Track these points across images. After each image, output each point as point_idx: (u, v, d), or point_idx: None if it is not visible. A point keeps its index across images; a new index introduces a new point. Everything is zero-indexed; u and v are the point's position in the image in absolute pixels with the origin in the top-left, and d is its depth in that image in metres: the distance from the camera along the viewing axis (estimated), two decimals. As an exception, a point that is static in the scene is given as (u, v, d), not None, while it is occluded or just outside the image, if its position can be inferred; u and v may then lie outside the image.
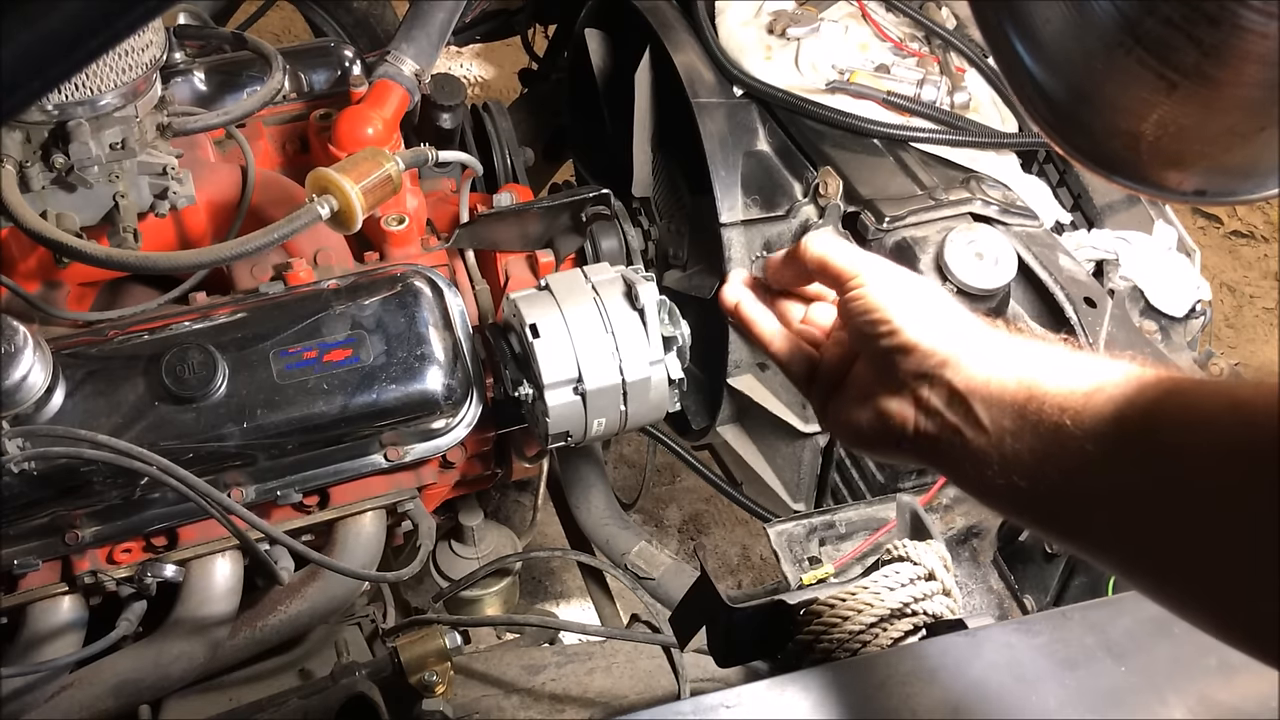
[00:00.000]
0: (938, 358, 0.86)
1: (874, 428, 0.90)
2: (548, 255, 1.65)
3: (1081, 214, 1.84)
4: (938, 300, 0.91)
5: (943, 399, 0.85)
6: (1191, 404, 0.75)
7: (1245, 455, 0.69)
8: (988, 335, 0.87)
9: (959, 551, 1.49)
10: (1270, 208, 3.55)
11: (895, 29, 1.86)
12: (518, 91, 2.57)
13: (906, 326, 0.88)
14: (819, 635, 1.14)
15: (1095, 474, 0.77)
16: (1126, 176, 0.89)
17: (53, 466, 1.29)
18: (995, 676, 0.96)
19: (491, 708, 1.43)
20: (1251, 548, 0.68)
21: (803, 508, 1.83)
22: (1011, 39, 0.86)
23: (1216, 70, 0.76)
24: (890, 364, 0.88)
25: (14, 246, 1.44)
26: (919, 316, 0.88)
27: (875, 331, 0.89)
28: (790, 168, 1.75)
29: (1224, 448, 0.71)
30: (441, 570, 1.86)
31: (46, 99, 1.30)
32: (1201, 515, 0.72)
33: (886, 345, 0.88)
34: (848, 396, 0.94)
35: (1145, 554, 0.76)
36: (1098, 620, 1.02)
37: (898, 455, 0.90)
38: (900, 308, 0.89)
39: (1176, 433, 0.74)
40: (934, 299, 0.91)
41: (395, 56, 1.65)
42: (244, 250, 1.32)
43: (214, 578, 1.43)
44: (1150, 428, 0.75)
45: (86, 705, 1.40)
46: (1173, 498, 0.73)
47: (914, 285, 0.92)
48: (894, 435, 0.89)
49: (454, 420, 1.49)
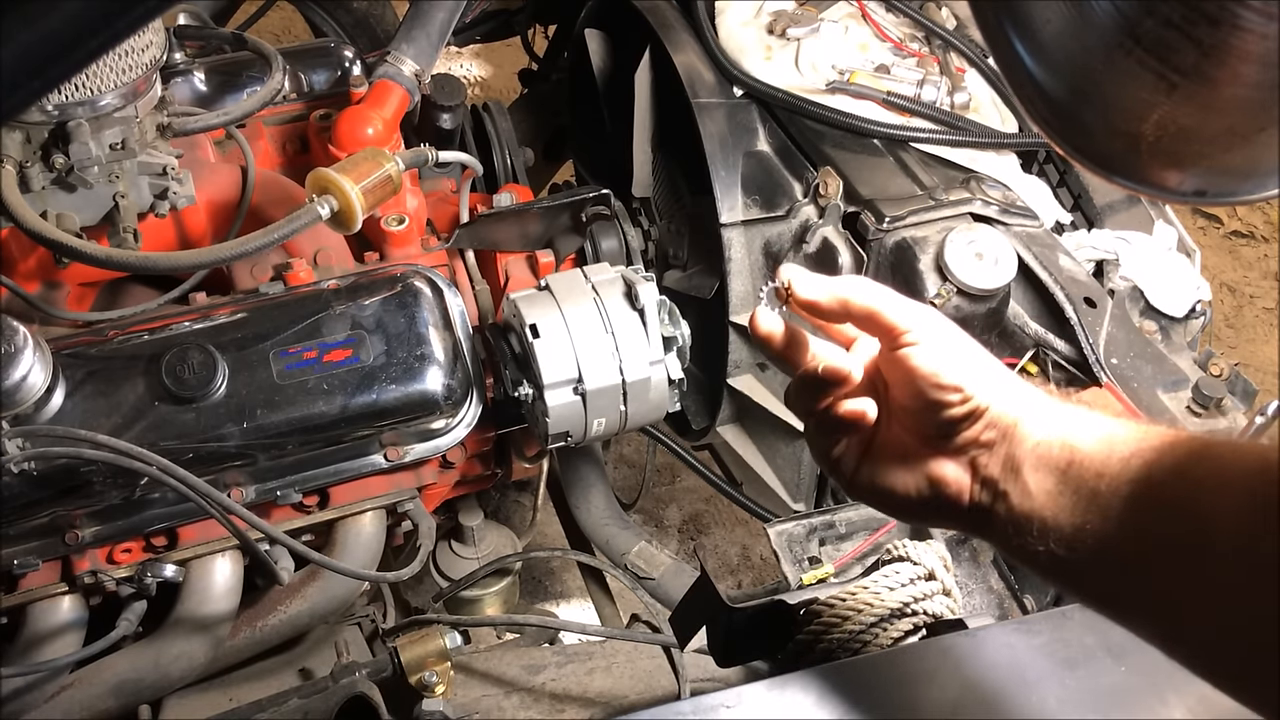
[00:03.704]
0: (1003, 426, 0.82)
1: (923, 496, 0.85)
2: (548, 255, 1.65)
3: (1081, 214, 1.84)
4: (993, 363, 0.86)
5: (999, 467, 0.82)
6: (1225, 465, 0.74)
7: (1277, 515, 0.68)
8: (1040, 400, 0.84)
9: (959, 551, 1.49)
10: (1270, 208, 3.55)
11: (895, 29, 1.86)
12: (518, 91, 2.57)
13: (977, 394, 0.82)
14: (819, 635, 1.14)
15: (1126, 537, 0.76)
16: (1126, 177, 0.89)
17: (53, 466, 1.29)
18: (995, 676, 0.96)
19: (491, 708, 1.43)
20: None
21: (803, 508, 1.83)
22: (1011, 39, 0.86)
23: (1216, 70, 0.76)
24: (950, 430, 0.84)
25: (14, 246, 1.44)
26: (986, 382, 0.83)
27: (941, 396, 0.83)
28: (790, 168, 1.75)
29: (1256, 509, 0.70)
30: (441, 570, 1.86)
31: (46, 99, 1.30)
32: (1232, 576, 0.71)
33: (954, 412, 0.83)
34: (885, 459, 0.88)
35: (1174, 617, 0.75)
36: (1098, 620, 1.02)
37: (941, 522, 0.88)
38: (967, 371, 0.83)
39: (1208, 494, 0.73)
40: (991, 362, 0.87)
41: (395, 57, 1.65)
42: (244, 250, 1.32)
43: (214, 578, 1.43)
44: (1181, 489, 0.74)
45: (86, 705, 1.40)
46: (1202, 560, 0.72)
47: (972, 347, 0.87)
48: (946, 504, 0.85)
49: (454, 420, 1.48)
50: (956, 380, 0.83)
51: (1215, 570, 0.71)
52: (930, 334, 0.84)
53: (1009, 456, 0.82)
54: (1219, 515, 0.72)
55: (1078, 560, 0.78)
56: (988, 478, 0.83)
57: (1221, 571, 0.71)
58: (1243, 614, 0.70)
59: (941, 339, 0.84)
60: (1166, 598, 0.75)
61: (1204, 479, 0.74)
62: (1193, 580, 0.73)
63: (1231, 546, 0.71)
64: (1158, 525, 0.75)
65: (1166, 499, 0.75)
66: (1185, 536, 0.73)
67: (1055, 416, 0.82)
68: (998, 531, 0.82)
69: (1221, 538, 0.71)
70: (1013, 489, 0.81)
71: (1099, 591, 0.81)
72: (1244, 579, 0.69)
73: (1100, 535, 0.77)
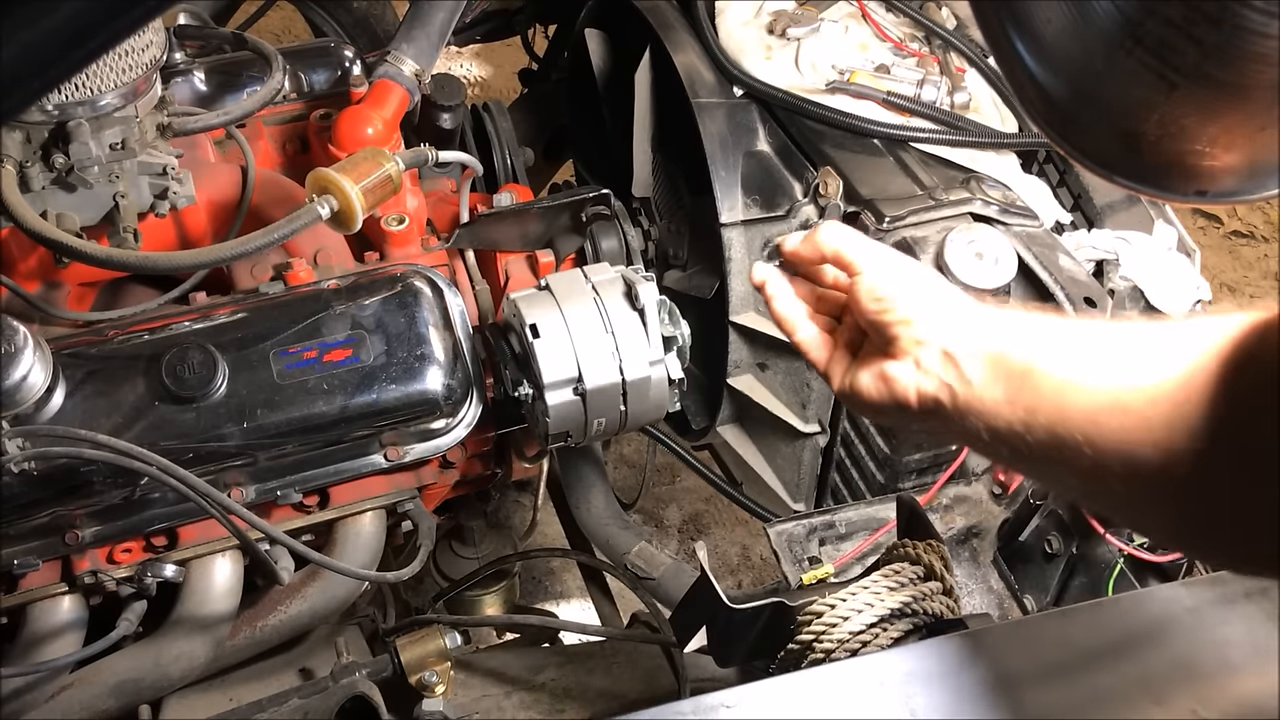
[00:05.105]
0: (939, 329, 0.98)
1: (881, 394, 1.01)
2: (548, 255, 1.65)
3: (1081, 214, 1.84)
4: (931, 282, 1.03)
5: (937, 361, 0.97)
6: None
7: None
8: (970, 306, 1.00)
9: (959, 551, 1.49)
10: (1270, 208, 3.55)
11: (895, 29, 1.86)
12: (518, 91, 2.57)
13: (905, 304, 1.00)
14: (819, 635, 1.14)
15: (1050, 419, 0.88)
16: (1127, 176, 0.90)
17: (53, 466, 1.28)
18: (995, 676, 0.96)
19: (491, 708, 1.43)
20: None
21: (803, 508, 1.83)
22: (1012, 39, 0.86)
23: (1217, 70, 0.76)
24: (893, 336, 1.00)
25: (14, 246, 1.44)
26: (915, 296, 1.00)
27: (878, 309, 1.01)
28: (790, 168, 1.75)
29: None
30: (441, 570, 1.86)
31: (46, 99, 1.30)
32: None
33: (887, 319, 1.01)
34: (857, 369, 1.05)
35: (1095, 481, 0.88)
36: (1098, 620, 1.02)
37: (904, 417, 1.01)
38: (900, 290, 1.01)
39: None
40: (928, 281, 1.03)
41: (395, 56, 1.65)
42: (244, 250, 1.32)
43: (214, 578, 1.43)
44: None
45: (86, 705, 1.40)
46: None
47: (912, 271, 1.04)
48: (900, 399, 1.00)
49: (454, 420, 1.48)
50: (888, 295, 1.01)
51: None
52: (874, 264, 1.03)
53: (945, 354, 0.96)
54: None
55: (1011, 437, 0.91)
56: (928, 370, 0.97)
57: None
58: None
59: (882, 267, 1.03)
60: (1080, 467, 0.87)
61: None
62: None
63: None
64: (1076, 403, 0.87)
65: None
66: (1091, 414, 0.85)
67: (983, 318, 0.98)
68: (946, 419, 0.97)
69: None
70: (954, 380, 0.95)
71: (1032, 465, 0.95)
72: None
73: (1028, 414, 0.89)
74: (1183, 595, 1.09)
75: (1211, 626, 1.00)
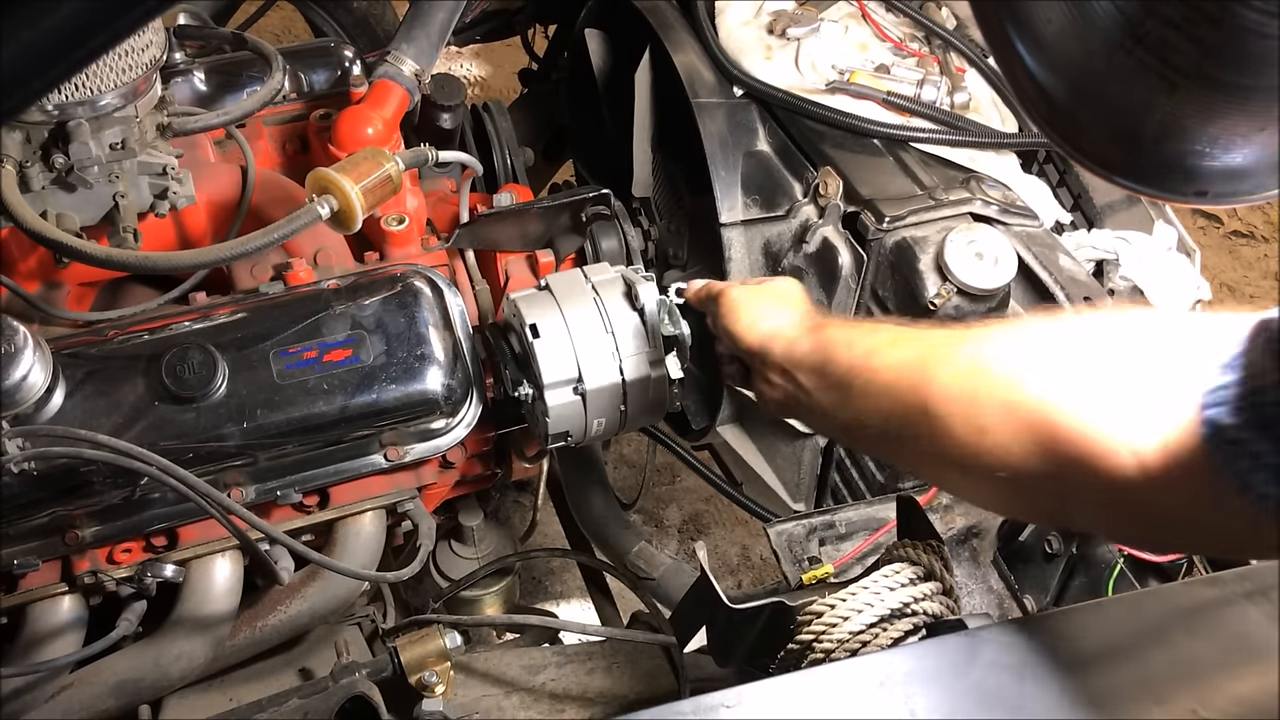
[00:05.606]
0: (763, 350, 1.25)
1: (762, 398, 1.29)
2: (548, 255, 1.65)
3: (1081, 214, 1.84)
4: (766, 307, 1.29)
5: (777, 373, 1.23)
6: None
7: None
8: (797, 323, 1.25)
9: (959, 551, 1.49)
10: (1270, 208, 3.55)
11: (895, 29, 1.86)
12: (518, 91, 2.57)
13: (745, 335, 1.29)
14: (819, 635, 1.14)
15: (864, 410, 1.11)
16: (1127, 176, 0.90)
17: (53, 466, 1.28)
18: (995, 676, 0.96)
19: (491, 708, 1.43)
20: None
21: (803, 508, 1.83)
22: (1012, 39, 0.86)
23: (1217, 70, 0.76)
24: (748, 360, 1.30)
25: (14, 246, 1.44)
26: (750, 325, 1.28)
27: (733, 344, 1.32)
28: (790, 168, 1.75)
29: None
30: (441, 570, 1.86)
31: (46, 99, 1.30)
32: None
33: (741, 350, 1.30)
34: (749, 384, 1.34)
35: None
36: (1097, 620, 1.02)
37: (783, 414, 1.31)
38: (740, 322, 1.29)
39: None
40: (763, 308, 1.29)
41: (395, 56, 1.65)
42: (244, 250, 1.32)
43: (214, 578, 1.43)
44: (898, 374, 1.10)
45: (86, 705, 1.40)
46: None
47: (748, 301, 1.31)
48: (773, 402, 1.26)
49: (454, 420, 1.48)
50: (733, 330, 1.30)
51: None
52: (723, 305, 1.33)
53: (781, 368, 1.23)
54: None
55: (843, 424, 1.17)
56: (773, 381, 1.24)
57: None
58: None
59: (729, 306, 1.32)
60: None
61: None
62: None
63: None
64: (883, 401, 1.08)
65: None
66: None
67: (811, 333, 1.21)
68: (800, 413, 1.25)
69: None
70: (795, 388, 1.21)
71: (864, 443, 1.33)
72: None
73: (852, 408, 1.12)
74: (1183, 595, 1.09)
75: (1211, 626, 1.00)
